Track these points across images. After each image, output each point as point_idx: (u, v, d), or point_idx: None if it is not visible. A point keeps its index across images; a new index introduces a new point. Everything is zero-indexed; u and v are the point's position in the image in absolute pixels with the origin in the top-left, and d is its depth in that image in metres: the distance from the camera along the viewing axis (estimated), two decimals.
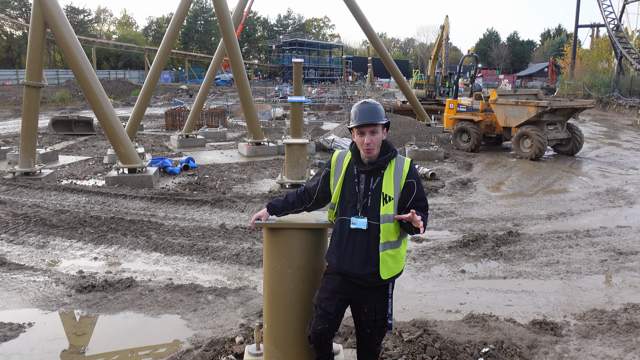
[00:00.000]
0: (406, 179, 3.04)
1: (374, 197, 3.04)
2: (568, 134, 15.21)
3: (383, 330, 3.25)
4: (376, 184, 3.06)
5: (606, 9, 39.61)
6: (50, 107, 32.08)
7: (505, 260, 6.69)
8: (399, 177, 3.04)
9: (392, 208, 3.01)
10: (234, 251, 6.81)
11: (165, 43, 15.11)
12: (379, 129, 3.03)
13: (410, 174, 3.06)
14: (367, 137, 3.00)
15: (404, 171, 3.06)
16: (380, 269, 3.02)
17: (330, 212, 3.25)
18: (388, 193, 3.02)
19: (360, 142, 3.03)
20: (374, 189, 3.05)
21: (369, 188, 3.06)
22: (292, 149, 10.31)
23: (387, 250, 3.03)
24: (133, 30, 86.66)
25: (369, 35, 20.68)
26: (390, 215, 3.00)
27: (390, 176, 3.05)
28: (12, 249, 6.88)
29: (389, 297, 3.16)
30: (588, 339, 4.61)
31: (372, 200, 3.04)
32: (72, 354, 4.40)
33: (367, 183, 3.07)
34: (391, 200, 3.01)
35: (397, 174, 3.05)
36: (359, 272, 3.04)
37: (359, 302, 3.16)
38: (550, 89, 49.60)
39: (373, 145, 3.01)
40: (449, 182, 11.34)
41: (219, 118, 22.28)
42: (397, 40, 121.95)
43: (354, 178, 3.11)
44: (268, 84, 54.30)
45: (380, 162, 3.05)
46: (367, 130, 3.00)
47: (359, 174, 3.10)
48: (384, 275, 3.03)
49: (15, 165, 11.75)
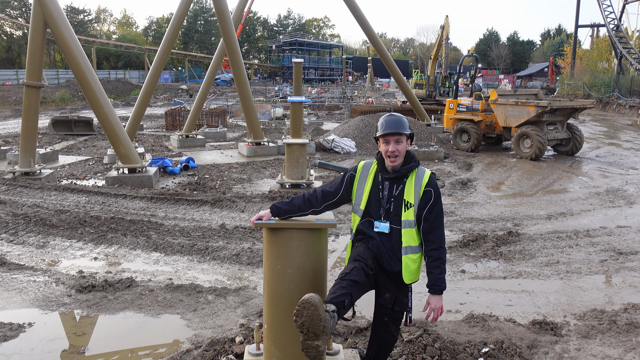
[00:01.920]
0: (425, 187, 3.22)
1: (397, 203, 3.25)
2: (568, 134, 15.21)
3: (399, 323, 3.41)
4: (399, 191, 3.26)
5: (606, 9, 39.61)
6: (50, 107, 32.08)
7: (505, 260, 6.69)
8: (419, 185, 3.23)
9: (413, 214, 3.21)
10: (234, 251, 6.81)
11: (165, 43, 15.11)
12: (403, 138, 3.24)
13: (430, 183, 3.24)
14: (392, 145, 3.22)
15: (423, 180, 3.24)
16: (403, 272, 3.23)
17: (355, 216, 3.43)
18: (409, 200, 3.22)
19: (385, 150, 3.25)
20: (396, 196, 3.26)
21: (392, 195, 3.27)
22: (292, 149, 10.31)
23: (409, 254, 3.22)
24: (133, 30, 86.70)
25: (369, 35, 20.68)
26: (411, 221, 3.21)
27: (411, 184, 3.25)
28: (12, 249, 6.88)
29: (409, 291, 3.34)
30: (588, 339, 4.61)
31: (394, 206, 3.26)
32: (72, 354, 4.40)
33: (390, 190, 3.28)
34: (412, 206, 3.21)
35: (418, 182, 3.24)
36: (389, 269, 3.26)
37: (383, 286, 3.33)
38: (550, 89, 49.59)
39: (398, 153, 3.22)
40: (449, 182, 11.35)
41: (219, 118, 22.28)
42: (397, 40, 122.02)
43: (378, 185, 3.32)
44: (268, 84, 54.29)
45: (403, 170, 3.25)
46: (392, 139, 3.22)
47: (383, 181, 3.31)
48: (407, 279, 3.25)
49: (15, 165, 11.75)
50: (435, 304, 3.21)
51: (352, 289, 2.98)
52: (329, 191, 3.38)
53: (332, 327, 2.76)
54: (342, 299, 2.90)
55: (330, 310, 2.79)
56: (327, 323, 2.71)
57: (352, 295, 2.97)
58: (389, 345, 3.46)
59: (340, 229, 7.97)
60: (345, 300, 2.91)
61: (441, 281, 3.19)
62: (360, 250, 3.28)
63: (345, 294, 2.93)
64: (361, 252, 3.26)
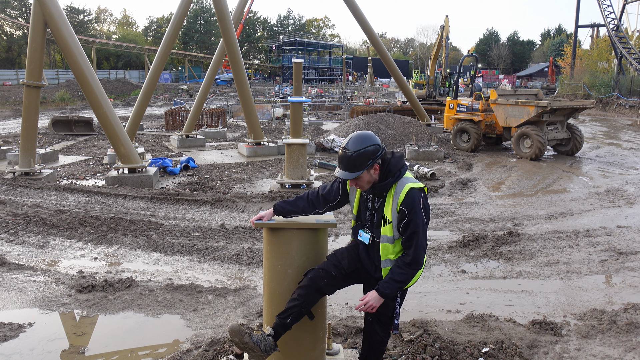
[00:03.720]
0: (400, 205, 3.04)
1: (378, 216, 3.19)
2: (568, 134, 15.20)
3: (386, 326, 3.34)
4: (379, 204, 3.19)
5: (606, 9, 39.60)
6: (50, 107, 32.07)
7: (505, 260, 6.69)
8: (396, 202, 3.08)
9: (392, 230, 3.10)
10: (234, 251, 6.81)
11: (165, 43, 15.11)
12: (361, 175, 3.05)
13: (405, 202, 3.01)
14: (351, 182, 3.17)
15: (400, 197, 3.04)
16: None
17: (353, 221, 3.42)
18: (387, 215, 3.11)
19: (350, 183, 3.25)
20: (377, 209, 3.20)
21: (374, 207, 3.22)
22: (292, 149, 10.31)
23: (388, 266, 3.16)
24: (133, 30, 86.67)
25: (369, 35, 20.68)
26: (389, 237, 3.11)
27: (390, 200, 3.12)
28: (12, 249, 6.88)
29: (396, 296, 3.22)
30: (588, 339, 4.61)
31: (376, 218, 3.20)
32: (72, 354, 4.40)
33: (373, 202, 3.22)
34: (389, 222, 3.10)
35: (395, 200, 3.08)
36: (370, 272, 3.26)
37: (368, 287, 3.30)
38: (550, 89, 49.57)
39: (361, 186, 3.15)
40: (449, 182, 11.34)
41: (219, 118, 22.28)
42: (397, 40, 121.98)
43: (363, 194, 3.30)
44: (268, 84, 54.29)
45: (378, 189, 3.14)
46: (351, 182, 3.15)
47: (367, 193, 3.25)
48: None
49: (15, 165, 11.75)
50: (370, 299, 3.06)
51: (304, 297, 3.11)
52: (328, 194, 3.37)
53: (266, 346, 3.05)
54: (286, 319, 3.11)
55: (267, 334, 3.09)
56: (258, 344, 3.02)
57: (302, 305, 3.11)
58: (377, 343, 3.43)
59: (340, 229, 7.97)
60: (290, 316, 3.11)
61: (389, 286, 3.03)
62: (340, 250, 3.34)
63: (294, 307, 3.11)
64: (340, 251, 3.33)
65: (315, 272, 3.15)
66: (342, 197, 3.37)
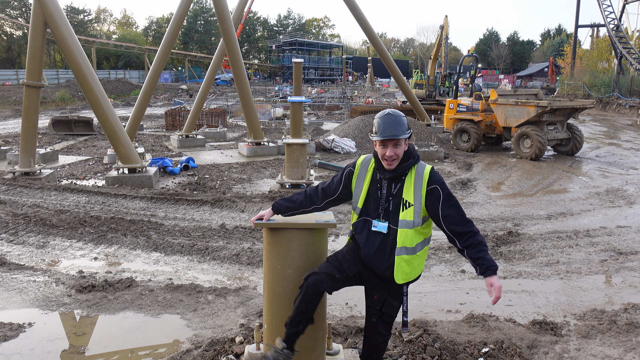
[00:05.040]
0: (427, 185, 3.06)
1: (395, 202, 3.11)
2: (568, 134, 15.21)
3: (389, 326, 3.34)
4: (397, 189, 3.12)
5: (606, 9, 39.60)
6: (50, 107, 32.07)
7: (505, 260, 6.69)
8: (419, 183, 3.07)
9: (412, 214, 3.06)
10: (234, 251, 6.81)
11: (165, 43, 15.11)
12: (401, 142, 3.05)
13: (431, 179, 3.06)
14: (390, 150, 3.04)
15: (424, 178, 3.07)
16: (395, 272, 3.11)
17: (353, 213, 3.32)
18: (408, 199, 3.07)
19: (382, 153, 3.07)
20: (394, 195, 3.12)
21: (391, 193, 3.13)
22: (292, 149, 10.31)
23: (402, 255, 3.09)
24: (133, 30, 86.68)
25: (369, 35, 20.67)
26: (409, 221, 3.06)
27: (410, 183, 3.09)
28: (12, 249, 6.88)
29: (403, 294, 3.23)
30: (588, 339, 4.61)
31: (393, 205, 3.12)
32: (72, 354, 4.40)
33: (388, 188, 3.14)
34: (411, 206, 3.06)
35: (418, 180, 3.08)
36: (379, 270, 3.17)
37: (371, 288, 3.27)
38: (550, 89, 49.59)
39: (395, 157, 3.05)
40: (449, 182, 11.34)
41: (219, 118, 22.28)
42: (397, 40, 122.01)
43: (376, 183, 3.19)
44: (268, 84, 54.28)
45: (400, 169, 3.10)
46: (390, 144, 3.04)
47: (382, 179, 3.17)
48: (399, 279, 3.12)
49: (15, 165, 11.75)
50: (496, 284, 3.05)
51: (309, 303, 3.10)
52: (328, 188, 3.32)
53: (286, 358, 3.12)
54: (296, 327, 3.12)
55: (280, 349, 3.11)
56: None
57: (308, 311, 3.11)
58: (379, 344, 3.42)
59: (340, 229, 7.97)
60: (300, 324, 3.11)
61: (492, 262, 3.05)
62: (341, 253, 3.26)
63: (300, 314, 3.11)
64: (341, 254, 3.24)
65: (317, 276, 3.08)
66: (342, 191, 3.30)
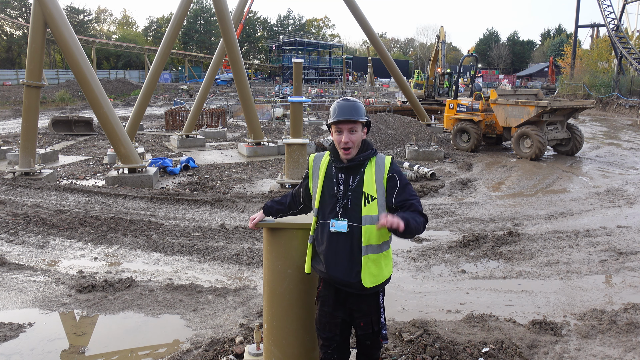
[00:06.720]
0: (388, 173, 2.86)
1: (355, 197, 2.86)
2: (568, 134, 15.20)
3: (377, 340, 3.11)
4: (356, 183, 2.87)
5: (606, 9, 39.60)
6: (50, 107, 32.07)
7: (505, 260, 6.69)
8: (381, 174, 2.86)
9: (376, 209, 2.82)
10: (234, 251, 6.81)
11: (165, 43, 15.12)
12: (358, 127, 2.86)
13: (392, 169, 2.87)
14: (345, 135, 2.83)
15: (385, 167, 2.87)
16: (362, 274, 2.84)
17: (314, 218, 3.02)
18: (370, 192, 2.83)
19: (338, 140, 2.86)
20: (354, 189, 2.87)
21: (349, 188, 2.88)
22: (292, 149, 10.31)
23: (369, 254, 2.84)
24: (133, 30, 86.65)
25: (369, 35, 20.69)
26: (373, 216, 2.81)
27: (371, 174, 2.86)
28: (12, 249, 6.88)
29: (380, 307, 3.01)
30: (588, 339, 4.61)
31: (352, 200, 2.86)
32: (72, 354, 4.40)
33: (346, 182, 2.89)
34: (374, 200, 2.82)
35: (379, 171, 2.86)
36: (347, 279, 2.88)
37: (355, 315, 3.03)
38: (550, 89, 49.59)
39: (351, 144, 2.84)
40: (449, 182, 11.34)
41: (219, 118, 22.29)
42: (397, 40, 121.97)
43: (332, 178, 2.93)
44: (268, 84, 54.28)
45: (358, 159, 2.87)
46: (345, 128, 2.83)
47: (337, 172, 2.92)
48: (367, 283, 2.85)
49: (15, 165, 11.75)
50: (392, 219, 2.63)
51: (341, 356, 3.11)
52: (297, 192, 3.26)
53: None
54: None
55: None
56: None
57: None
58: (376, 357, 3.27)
59: None
60: None
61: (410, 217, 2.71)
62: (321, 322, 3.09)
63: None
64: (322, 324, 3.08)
65: (328, 355, 3.06)
66: (304, 193, 3.18)
